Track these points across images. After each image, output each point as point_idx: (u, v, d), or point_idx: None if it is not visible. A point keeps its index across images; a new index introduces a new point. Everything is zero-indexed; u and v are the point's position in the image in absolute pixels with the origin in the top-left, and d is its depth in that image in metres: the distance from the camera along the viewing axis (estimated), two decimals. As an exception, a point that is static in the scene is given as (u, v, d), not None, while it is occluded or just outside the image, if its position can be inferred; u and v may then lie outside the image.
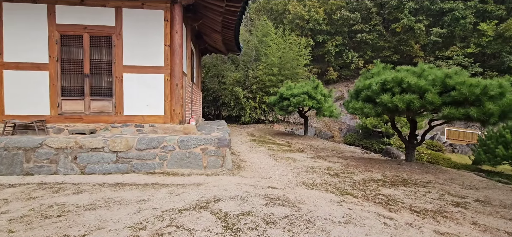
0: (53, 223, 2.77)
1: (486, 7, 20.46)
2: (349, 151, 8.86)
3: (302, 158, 6.76)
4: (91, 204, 3.31)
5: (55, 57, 6.06)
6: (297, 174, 5.06)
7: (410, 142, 6.28)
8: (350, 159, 6.82)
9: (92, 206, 3.24)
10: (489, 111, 4.52)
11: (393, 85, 5.29)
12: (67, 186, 4.11)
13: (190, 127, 6.24)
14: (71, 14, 6.10)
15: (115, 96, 6.26)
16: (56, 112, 6.13)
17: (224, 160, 5.39)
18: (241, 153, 7.28)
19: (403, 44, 21.23)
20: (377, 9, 21.54)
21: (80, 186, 4.12)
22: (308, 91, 9.92)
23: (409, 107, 5.08)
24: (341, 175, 5.10)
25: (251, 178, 4.71)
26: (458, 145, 15.26)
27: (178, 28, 6.27)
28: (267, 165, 5.83)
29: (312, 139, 11.32)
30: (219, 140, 5.43)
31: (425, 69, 5.42)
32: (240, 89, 15.40)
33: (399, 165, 6.12)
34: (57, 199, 3.47)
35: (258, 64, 16.32)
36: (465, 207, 3.61)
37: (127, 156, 5.13)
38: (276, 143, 9.50)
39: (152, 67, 6.35)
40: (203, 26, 9.78)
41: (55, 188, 4.01)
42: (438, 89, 4.92)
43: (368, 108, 5.63)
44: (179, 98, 6.36)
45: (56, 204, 3.29)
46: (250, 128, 14.51)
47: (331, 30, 21.80)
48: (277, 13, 24.30)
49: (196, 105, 10.05)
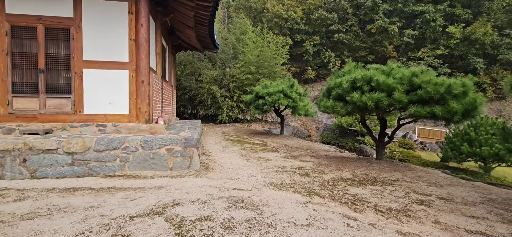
0: (-23, 237, 2.42)
1: (454, 11, 21.55)
2: (323, 150, 8.88)
3: (274, 157, 6.64)
4: (30, 213, 2.96)
5: (5, 50, 5.52)
6: (267, 175, 4.92)
7: (380, 141, 6.35)
8: (323, 158, 6.80)
9: (31, 215, 2.89)
10: (453, 110, 4.61)
11: (362, 84, 5.29)
12: (9, 193, 3.70)
13: (157, 126, 5.92)
14: (23, 3, 5.57)
15: (74, 94, 5.81)
16: (6, 110, 5.58)
17: (191, 161, 5.14)
18: (212, 153, 7.05)
19: (377, 44, 21.88)
20: (353, 10, 22.02)
21: (25, 192, 3.71)
22: (284, 89, 9.85)
23: (378, 106, 5.10)
24: (311, 175, 5.02)
25: (218, 180, 4.51)
26: (428, 143, 15.91)
27: (144, 21, 5.92)
28: (237, 165, 5.64)
29: (288, 138, 11.28)
30: (186, 140, 5.17)
31: (394, 68, 5.47)
32: (217, 88, 15.09)
33: (369, 163, 6.16)
34: (-9, 208, 3.08)
35: (235, 62, 16.10)
36: (429, 205, 3.62)
37: (84, 158, 4.74)
38: (251, 142, 9.35)
39: (115, 62, 5.95)
40: (176, 22, 9.42)
41: (-7, 195, 3.58)
42: (405, 87, 4.97)
43: (338, 107, 5.60)
44: (145, 96, 6.01)
45: (-12, 214, 2.91)
46: (227, 128, 14.27)
47: (309, 29, 22.01)
48: (256, 11, 24.18)
49: (169, 104, 9.67)
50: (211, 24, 9.02)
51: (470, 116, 4.83)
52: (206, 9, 7.44)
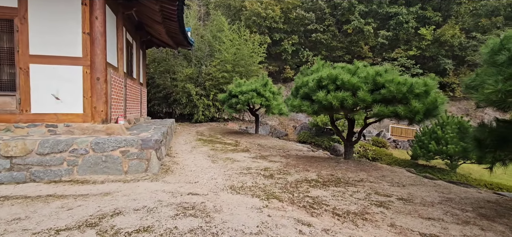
0: None
1: (426, 13, 22.38)
2: (296, 149, 8.79)
3: (243, 158, 6.43)
4: None
5: None
6: (229, 177, 4.69)
7: (348, 140, 6.31)
8: (292, 158, 6.67)
9: None
10: (415, 109, 4.60)
11: (328, 82, 5.19)
12: None
13: (114, 127, 5.52)
14: (-44, -11, 4.98)
15: (19, 91, 5.28)
16: None
17: (149, 163, 4.81)
18: (179, 154, 6.72)
19: (354, 45, 22.30)
20: (331, 10, 22.28)
21: None
22: (257, 88, 9.66)
23: (343, 105, 5.02)
24: (275, 176, 4.85)
25: (174, 184, 4.22)
26: (401, 141, 16.38)
27: (99, 13, 5.50)
28: (201, 167, 5.37)
29: (262, 137, 11.12)
30: (143, 141, 4.83)
31: (359, 66, 5.42)
32: (192, 86, 14.68)
33: (337, 163, 6.10)
34: None
35: (212, 60, 15.73)
36: (387, 207, 3.54)
37: (25, 163, 4.29)
38: (224, 142, 9.09)
39: (67, 57, 5.48)
40: (143, 16, 8.96)
41: None
42: (369, 86, 4.91)
43: (305, 106, 5.48)
44: (101, 94, 5.59)
45: None
46: (202, 127, 13.90)
47: (288, 29, 22.01)
48: (235, 9, 23.86)
49: (136, 102, 9.19)
50: (180, 19, 8.66)
51: (431, 116, 4.86)
52: (172, 2, 7.09)
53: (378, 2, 21.76)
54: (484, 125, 3.38)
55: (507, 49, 2.73)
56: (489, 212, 3.51)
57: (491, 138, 3.10)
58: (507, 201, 4.16)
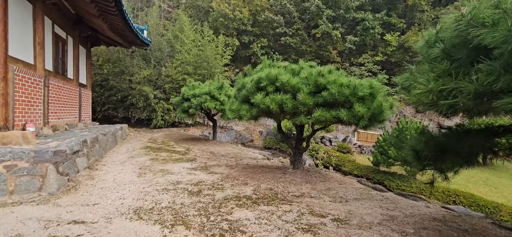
0: None
1: (391, 20, 22.95)
2: (250, 157, 8.15)
3: (180, 170, 5.66)
4: None
5: None
6: (144, 195, 3.91)
7: (297, 148, 5.76)
8: (238, 169, 6.01)
9: None
10: (358, 114, 4.11)
11: (267, 84, 4.59)
12: None
13: (12, 135, 4.53)
14: None
15: None
16: None
17: (44, 180, 3.90)
18: (107, 165, 5.80)
19: (322, 49, 22.30)
20: (299, 14, 22.14)
21: None
22: (211, 91, 8.94)
23: (283, 109, 4.43)
24: (203, 193, 4.14)
25: (65, 207, 3.37)
26: (366, 146, 16.34)
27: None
28: (120, 182, 4.53)
29: (219, 144, 10.39)
30: (37, 153, 3.92)
31: (304, 66, 4.89)
32: (150, 89, 13.63)
33: (283, 174, 5.52)
34: None
35: (172, 61, 14.79)
36: (316, 232, 2.95)
37: None
38: (172, 150, 8.24)
39: (-50, 50, 4.43)
40: (77, 8, 7.95)
41: None
42: (311, 88, 4.38)
43: (244, 110, 4.85)
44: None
45: None
46: (159, 133, 12.88)
47: (257, 31, 21.54)
48: (204, 10, 23.04)
49: (70, 106, 8.08)
50: (122, 13, 7.76)
51: (377, 121, 4.41)
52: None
53: (346, 7, 21.96)
54: (423, 133, 2.90)
55: (442, 40, 2.24)
56: (431, 235, 3.04)
57: (429, 149, 2.60)
58: (454, 218, 3.75)
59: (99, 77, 14.05)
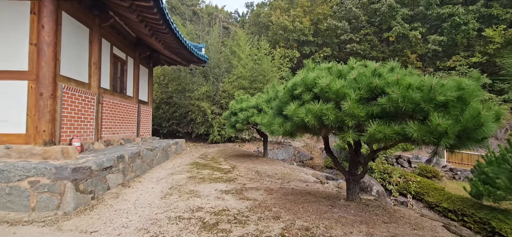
0: None
1: (491, 11, 18.35)
2: (300, 179, 7.01)
3: (210, 192, 5.02)
4: None
5: None
6: (150, 225, 3.34)
7: (351, 173, 4.44)
8: (277, 194, 5.02)
9: None
10: (438, 129, 2.70)
11: (302, 90, 3.57)
12: None
13: (52, 150, 4.67)
14: None
15: (-40, 110, 4.83)
16: None
17: (62, 198, 3.75)
18: (142, 182, 5.62)
19: (398, 54, 19.26)
20: (368, 18, 19.84)
21: None
22: (258, 104, 8.24)
23: (323, 122, 3.32)
24: (219, 226, 3.34)
25: (66, 232, 3.05)
26: (460, 170, 12.90)
27: (47, 22, 4.87)
28: (138, 204, 4.13)
29: (270, 162, 9.50)
30: (58, 169, 3.81)
31: (354, 66, 3.69)
32: (207, 104, 13.89)
33: (331, 207, 4.26)
34: None
35: (229, 76, 14.87)
36: None
37: None
38: (217, 168, 7.77)
39: (11, 72, 4.92)
40: (133, 29, 8.46)
41: None
42: (362, 93, 3.16)
43: (276, 124, 3.90)
44: (45, 112, 4.86)
45: None
46: (213, 148, 12.84)
47: (319, 41, 20.21)
48: (264, 25, 23.11)
49: (127, 122, 8.54)
50: (172, 31, 7.89)
51: (473, 139, 2.86)
52: (150, 10, 6.30)
53: (426, 3, 18.62)
54: None
55: None
56: None
57: None
58: None
59: (165, 95, 15.11)
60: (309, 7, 20.71)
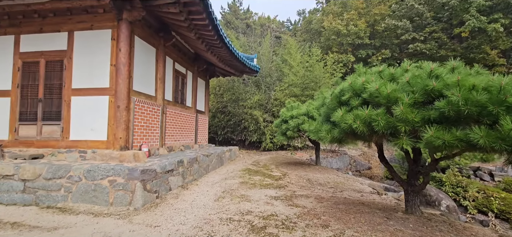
0: None
1: None
2: (354, 189, 6.68)
3: (260, 197, 5.17)
4: None
5: (17, 84, 6.22)
6: (203, 224, 3.64)
7: (410, 184, 4.09)
8: (328, 203, 4.90)
9: None
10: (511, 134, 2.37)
11: (350, 96, 3.49)
12: None
13: (127, 154, 5.45)
14: (31, 41, 6.25)
15: (63, 120, 6.01)
16: (14, 136, 6.18)
17: (133, 196, 4.35)
18: (199, 185, 6.11)
19: (473, 51, 16.72)
20: (434, 13, 17.78)
21: None
22: (309, 111, 8.16)
23: (373, 129, 3.19)
24: (267, 230, 3.45)
25: (135, 225, 3.55)
26: None
27: (123, 45, 5.75)
28: (195, 205, 4.52)
29: (323, 170, 9.24)
30: (130, 171, 4.44)
31: (409, 68, 3.46)
32: (260, 113, 14.27)
33: (387, 218, 3.98)
34: None
35: (281, 85, 15.04)
36: None
37: (34, 186, 4.59)
38: (268, 174, 7.92)
39: (98, 88, 5.94)
40: (191, 46, 9.28)
41: None
42: (416, 97, 2.95)
43: (324, 131, 3.86)
44: (121, 121, 5.71)
45: None
46: (265, 156, 13.06)
47: (376, 43, 18.92)
48: (315, 31, 22.75)
49: (187, 130, 9.36)
50: (226, 45, 8.47)
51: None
52: (206, 27, 6.92)
53: (510, -11, 15.90)
54: None
55: None
56: None
57: None
58: None
59: (220, 104, 16.04)
60: (364, 9, 19.69)
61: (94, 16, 6.00)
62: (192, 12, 6.11)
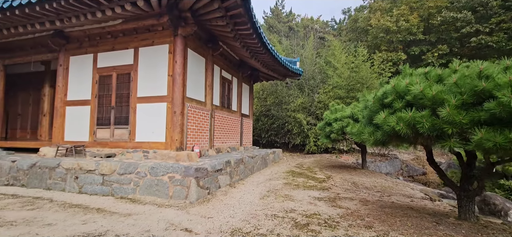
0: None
1: None
2: (403, 194, 6.41)
3: (304, 197, 5.35)
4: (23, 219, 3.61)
5: (95, 94, 7.42)
6: (250, 218, 3.98)
7: (463, 189, 3.88)
8: (373, 206, 4.86)
9: (25, 221, 3.53)
10: None
11: (393, 98, 3.51)
12: (36, 201, 4.71)
13: (182, 154, 6.12)
14: (106, 58, 7.40)
15: (130, 125, 6.98)
16: (93, 138, 7.37)
17: (189, 191, 4.91)
18: (245, 184, 6.52)
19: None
20: (502, 1, 15.62)
21: (37, 202, 4.62)
22: (354, 113, 8.03)
23: (418, 131, 3.19)
24: (309, 227, 3.65)
25: (192, 215, 4.06)
26: None
27: (178, 58, 6.49)
28: (242, 202, 4.91)
29: (370, 174, 8.94)
30: (186, 169, 5.03)
31: (458, 68, 3.36)
32: (302, 116, 14.32)
33: (437, 223, 3.83)
34: (1, 213, 4.00)
35: (324, 87, 14.87)
36: None
37: (110, 180, 5.47)
38: (313, 177, 8.01)
39: (157, 96, 6.77)
40: (237, 54, 9.84)
41: (30, 202, 4.66)
42: (464, 98, 2.88)
43: (366, 133, 3.92)
44: (176, 125, 6.43)
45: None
46: (309, 159, 13.03)
47: (432, 38, 17.37)
48: (361, 30, 21.82)
49: (233, 133, 9.93)
50: (269, 51, 8.85)
51: None
52: (250, 36, 7.37)
53: None
54: None
55: None
56: None
57: None
58: None
59: (264, 108, 16.48)
60: (416, 3, 18.29)
61: (154, 33, 6.86)
62: (237, 23, 6.59)
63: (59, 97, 7.71)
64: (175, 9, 6.03)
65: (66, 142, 7.57)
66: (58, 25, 6.58)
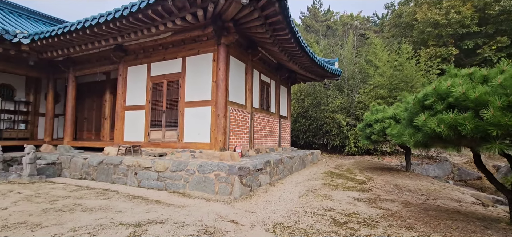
0: (56, 214, 3.96)
1: None
2: (451, 198, 6.11)
3: (343, 197, 5.45)
4: (89, 208, 4.38)
5: (149, 100, 8.33)
6: (291, 214, 4.25)
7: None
8: (416, 208, 4.79)
9: (94, 209, 4.29)
10: None
11: (434, 100, 3.51)
12: (106, 192, 5.54)
13: (225, 154, 6.61)
14: (158, 68, 8.26)
15: (179, 127, 7.71)
16: (147, 139, 8.28)
17: (233, 188, 5.35)
18: (284, 183, 6.79)
19: None
20: None
21: (107, 193, 5.42)
22: (396, 114, 7.79)
23: (461, 133, 3.18)
24: (348, 225, 3.80)
25: (236, 209, 4.46)
26: None
27: (221, 65, 7.02)
28: (282, 199, 5.20)
29: (414, 177, 8.54)
30: (230, 167, 5.48)
31: (505, 68, 3.25)
32: (342, 116, 14.08)
33: (485, 227, 3.69)
34: (82, 201, 4.83)
35: (365, 87, 14.43)
36: None
37: (164, 176, 6.17)
38: (353, 178, 7.98)
39: (203, 101, 7.38)
40: (275, 58, 10.13)
41: (101, 193, 5.51)
42: (510, 100, 2.82)
43: (407, 135, 3.94)
44: (220, 127, 6.95)
45: (76, 204, 4.61)
46: (349, 160, 12.77)
47: (489, 30, 15.69)
48: (406, 25, 20.53)
49: (271, 134, 10.25)
50: (306, 53, 9.02)
51: None
52: (288, 41, 7.64)
53: None
54: None
55: None
56: None
57: None
58: None
59: (301, 109, 16.53)
60: (470, -8, 16.72)
61: (200, 43, 7.50)
62: (276, 29, 6.90)
63: (119, 102, 8.80)
64: (219, 20, 6.55)
65: (125, 143, 8.60)
66: (119, 40, 7.57)
